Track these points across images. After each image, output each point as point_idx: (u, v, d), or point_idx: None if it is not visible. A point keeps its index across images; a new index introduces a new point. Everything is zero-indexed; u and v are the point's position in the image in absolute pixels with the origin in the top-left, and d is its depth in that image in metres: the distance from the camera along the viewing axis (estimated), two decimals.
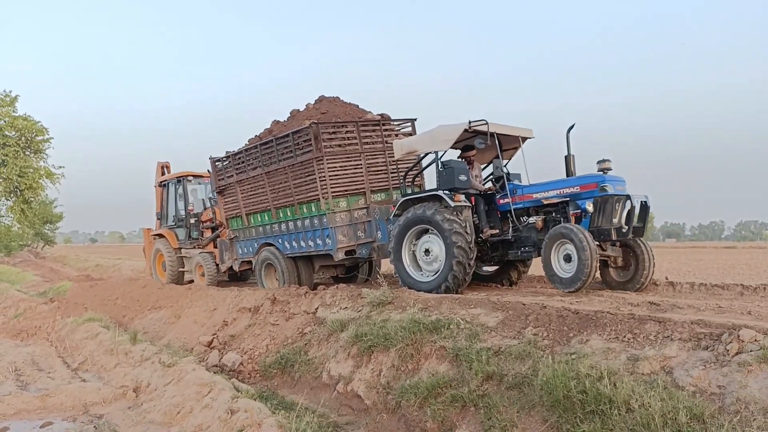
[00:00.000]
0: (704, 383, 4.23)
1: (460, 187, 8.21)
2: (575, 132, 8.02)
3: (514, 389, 5.14)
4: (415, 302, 7.26)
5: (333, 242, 9.54)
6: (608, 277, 7.98)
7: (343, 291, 8.62)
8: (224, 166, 11.66)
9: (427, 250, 8.28)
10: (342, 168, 9.69)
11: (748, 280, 11.85)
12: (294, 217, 10.18)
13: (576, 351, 5.13)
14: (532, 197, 8.02)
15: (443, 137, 8.33)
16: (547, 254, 7.32)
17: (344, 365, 7.00)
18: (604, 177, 7.41)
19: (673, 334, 4.81)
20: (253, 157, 10.79)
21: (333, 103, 10.64)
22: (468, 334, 6.11)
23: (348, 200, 9.77)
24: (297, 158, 9.77)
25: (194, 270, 13.43)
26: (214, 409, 5.52)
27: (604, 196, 7.28)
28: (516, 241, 8.12)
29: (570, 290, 7.14)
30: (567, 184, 7.71)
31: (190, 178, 14.61)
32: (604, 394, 4.36)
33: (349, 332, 7.29)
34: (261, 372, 8.15)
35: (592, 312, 5.68)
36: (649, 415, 4.01)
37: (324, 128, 9.51)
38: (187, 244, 14.07)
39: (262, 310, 9.38)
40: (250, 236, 11.35)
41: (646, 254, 7.61)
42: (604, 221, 7.26)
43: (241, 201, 11.23)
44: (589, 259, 6.84)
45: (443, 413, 5.42)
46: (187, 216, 14.19)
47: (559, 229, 7.24)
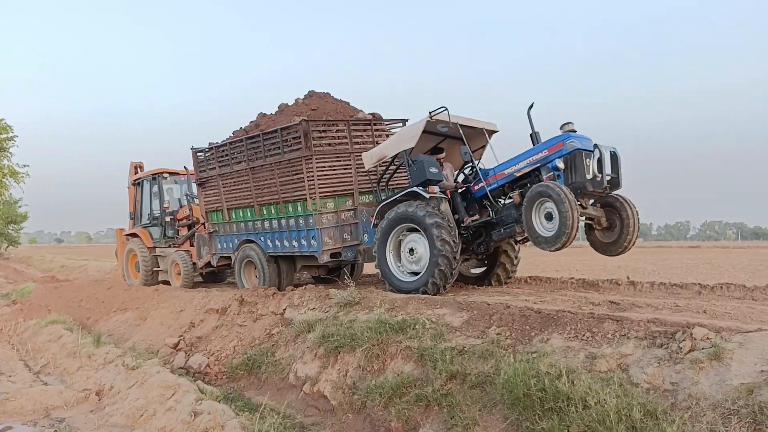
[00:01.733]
0: (658, 380, 4.36)
1: (432, 179, 8.14)
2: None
3: (476, 388, 5.22)
4: (382, 303, 7.30)
5: (318, 244, 9.29)
6: (594, 239, 7.79)
7: (311, 292, 8.62)
8: (206, 158, 11.24)
9: (412, 250, 8.16)
10: (331, 168, 9.41)
11: (709, 279, 12.18)
12: (278, 216, 9.91)
13: (537, 350, 5.23)
14: (504, 174, 7.97)
15: (408, 135, 8.32)
16: (528, 216, 7.15)
17: (311, 366, 7.01)
18: (569, 134, 7.37)
19: (629, 333, 4.93)
20: (238, 150, 10.42)
21: (323, 100, 10.34)
22: (433, 334, 6.17)
23: (336, 201, 9.52)
24: (285, 155, 9.48)
25: (170, 269, 13.04)
26: (178, 411, 5.48)
27: (573, 152, 7.23)
28: (498, 221, 8.03)
29: (555, 247, 6.90)
30: (535, 150, 7.69)
31: (165, 176, 14.23)
32: (562, 391, 4.46)
33: (316, 333, 7.29)
34: (228, 374, 8.10)
35: (553, 311, 5.79)
36: (604, 412, 4.12)
37: (314, 126, 9.23)
38: (162, 243, 13.72)
39: (229, 311, 9.32)
40: (231, 231, 11.04)
41: (630, 215, 7.42)
42: (577, 176, 7.21)
43: (223, 195, 10.90)
44: (569, 210, 6.64)
45: (408, 412, 5.47)
46: (162, 214, 13.82)
47: (535, 188, 7.09)
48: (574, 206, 6.71)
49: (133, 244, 14.19)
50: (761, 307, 6.26)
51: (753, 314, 5.68)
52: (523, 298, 7.47)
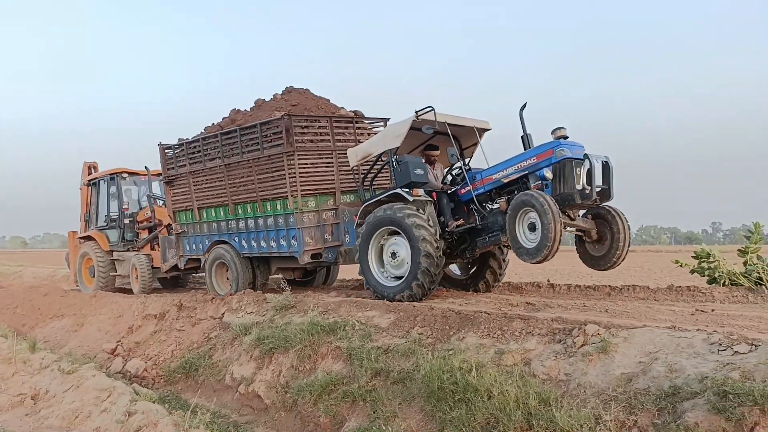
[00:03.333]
0: (554, 372, 4.87)
1: (417, 181, 7.88)
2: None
3: (398, 384, 5.64)
4: (316, 306, 7.65)
5: (299, 244, 8.94)
6: (584, 252, 7.56)
7: (249, 296, 8.88)
8: (176, 155, 10.72)
9: (394, 253, 7.88)
10: (313, 165, 9.10)
11: (639, 281, 12.95)
12: (255, 215, 9.54)
13: (453, 347, 5.68)
14: (492, 179, 7.70)
15: (394, 134, 8.03)
16: (511, 226, 6.91)
17: (246, 367, 7.29)
18: (560, 142, 7.08)
19: (534, 330, 5.45)
20: (212, 146, 9.98)
21: (303, 95, 9.99)
22: (362, 335, 6.56)
23: (317, 200, 9.21)
24: (264, 151, 9.11)
25: (130, 273, 12.52)
26: (113, 412, 5.68)
27: (562, 161, 6.96)
28: (483, 228, 7.78)
29: (536, 260, 6.67)
30: (523, 157, 7.41)
31: (124, 176, 13.61)
32: (471, 384, 4.92)
33: (252, 336, 7.58)
34: (165, 377, 8.27)
35: (471, 312, 6.27)
36: (505, 401, 4.60)
37: (297, 121, 8.92)
38: (121, 247, 13.14)
39: (168, 316, 9.47)
40: (201, 232, 10.58)
41: (622, 229, 7.18)
42: (565, 186, 6.95)
43: (194, 194, 10.44)
44: (551, 222, 6.41)
45: (335, 408, 5.85)
46: (121, 216, 13.22)
47: (519, 197, 6.85)
48: (558, 218, 6.48)
49: (88, 247, 13.51)
50: (659, 306, 6.90)
51: (649, 313, 6.28)
52: (450, 300, 7.95)
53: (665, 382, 4.19)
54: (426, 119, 7.75)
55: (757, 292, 7.17)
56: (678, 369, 4.26)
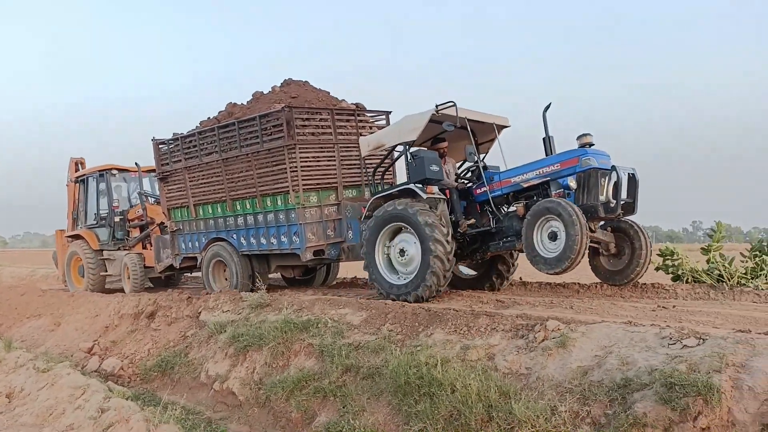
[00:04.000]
0: (516, 366, 5.05)
1: (432, 178, 7.53)
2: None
3: (367, 379, 5.79)
4: (290, 304, 7.77)
5: (302, 240, 8.68)
6: (599, 265, 7.32)
7: (226, 295, 8.97)
8: (170, 150, 10.39)
9: (402, 251, 7.56)
10: (315, 159, 8.83)
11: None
12: (255, 211, 9.24)
13: (421, 343, 5.84)
14: (511, 182, 7.41)
15: (410, 126, 7.67)
16: (529, 233, 6.64)
17: (221, 365, 7.40)
18: (586, 150, 6.83)
19: (498, 326, 5.63)
20: (209, 141, 9.67)
21: (303, 88, 9.70)
22: (334, 332, 6.70)
23: (319, 195, 8.95)
24: (264, 145, 8.83)
25: (122, 273, 12.25)
26: (86, 409, 5.75)
27: (587, 171, 6.71)
28: (497, 232, 7.48)
29: (555, 271, 6.44)
30: (546, 162, 7.12)
31: (114, 172, 13.15)
32: (436, 378, 5.09)
33: (227, 334, 7.68)
34: (141, 375, 8.35)
35: (440, 309, 6.45)
36: (468, 394, 4.77)
37: (298, 113, 8.64)
38: (111, 246, 12.79)
39: (144, 315, 9.53)
40: (198, 229, 10.26)
41: (643, 243, 6.97)
42: (589, 198, 6.72)
43: (190, 190, 10.10)
44: (579, 234, 6.14)
45: (306, 404, 6.00)
46: (111, 214, 12.85)
47: (543, 204, 6.56)
48: (586, 231, 6.23)
49: (77, 246, 13.13)
50: (624, 303, 7.09)
51: (612, 309, 6.48)
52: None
53: (618, 374, 4.39)
54: (446, 114, 7.47)
55: (718, 289, 7.39)
56: (630, 362, 4.45)
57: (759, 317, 5.74)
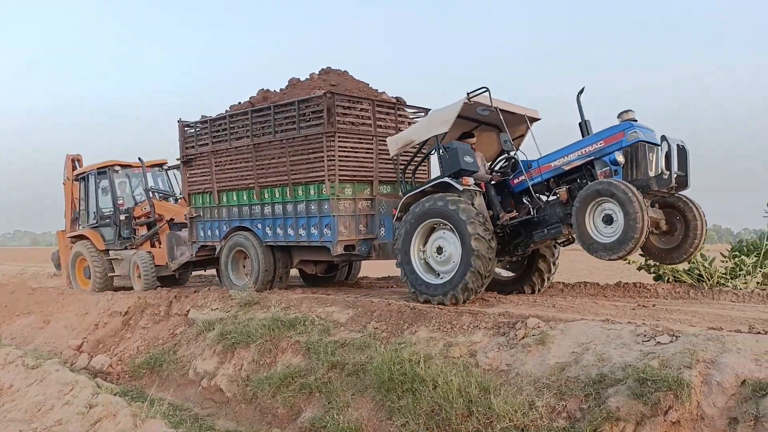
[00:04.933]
0: (497, 362, 5.19)
1: (466, 169, 7.15)
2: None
3: (352, 375, 5.91)
4: (278, 302, 7.87)
5: (333, 233, 8.27)
6: (650, 245, 6.84)
7: (215, 293, 9.05)
8: (197, 133, 10.02)
9: (440, 248, 7.13)
10: (353, 150, 8.49)
11: (591, 278, 13.27)
12: (284, 200, 8.81)
13: (406, 340, 5.97)
14: (551, 166, 7.01)
15: (441, 119, 7.36)
16: (580, 220, 6.20)
17: (209, 362, 7.49)
18: (631, 123, 6.47)
19: (481, 324, 5.76)
20: (240, 125, 9.27)
21: (342, 77, 9.38)
22: (321, 329, 6.81)
23: (354, 188, 8.56)
24: (301, 131, 8.46)
25: (132, 273, 11.66)
26: (75, 405, 5.83)
27: (635, 144, 6.33)
28: (540, 221, 7.03)
29: (618, 255, 6.01)
30: (589, 141, 6.76)
31: (116, 168, 12.60)
32: (419, 374, 5.21)
33: (215, 331, 7.77)
34: (130, 373, 8.43)
35: (425, 308, 6.57)
36: (449, 390, 4.90)
37: (339, 100, 8.33)
38: (117, 245, 12.19)
39: (134, 313, 9.60)
40: (220, 217, 9.77)
41: (698, 218, 6.53)
42: (639, 172, 6.34)
43: (215, 175, 9.68)
44: (639, 212, 5.73)
45: (293, 400, 6.11)
46: (116, 212, 12.26)
47: (593, 186, 6.17)
48: (645, 207, 5.84)
49: (81, 247, 12.53)
50: (605, 302, 7.23)
51: (593, 308, 6.62)
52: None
53: (593, 370, 4.53)
54: (479, 102, 7.18)
55: (697, 289, 7.55)
56: (606, 358, 4.59)
57: (735, 316, 5.89)
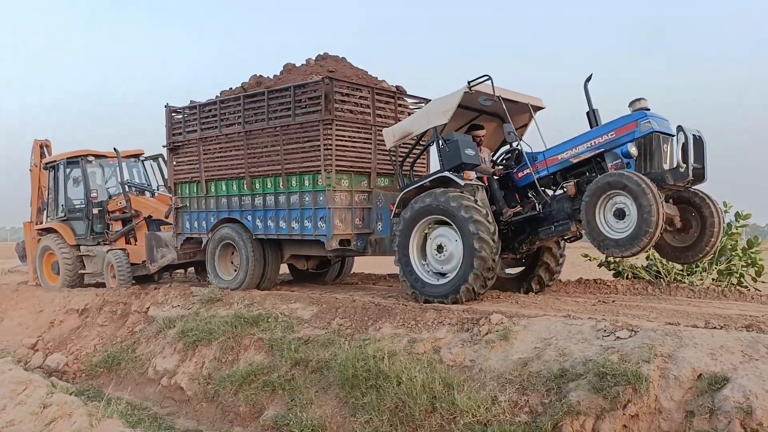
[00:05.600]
0: (461, 358, 5.21)
1: (468, 162, 6.80)
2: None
3: (316, 372, 5.87)
4: (241, 299, 7.76)
5: (328, 227, 7.85)
6: (663, 244, 6.43)
7: (176, 290, 8.87)
8: (185, 119, 9.50)
9: (440, 246, 6.79)
10: (350, 139, 8.07)
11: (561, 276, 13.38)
12: (277, 191, 8.39)
13: (370, 337, 5.95)
14: (558, 159, 6.66)
15: (440, 109, 7.00)
16: (590, 215, 5.86)
17: (170, 360, 7.34)
18: (645, 113, 6.10)
19: (445, 320, 5.78)
20: (231, 110, 8.81)
21: (340, 63, 8.94)
22: (284, 326, 6.75)
23: (351, 179, 8.16)
24: (296, 118, 8.03)
25: (105, 272, 10.96)
26: (28, 405, 5.65)
27: (649, 135, 5.98)
28: (546, 216, 6.68)
29: (631, 252, 5.69)
30: (599, 132, 6.40)
31: (90, 159, 11.77)
32: (383, 371, 5.21)
33: (176, 329, 7.62)
34: (87, 372, 8.21)
35: (389, 304, 6.57)
36: (413, 386, 4.91)
37: (338, 87, 7.92)
38: (90, 240, 11.49)
39: (91, 310, 9.35)
40: (207, 208, 9.27)
41: (715, 215, 6.14)
42: (653, 165, 5.99)
43: (203, 164, 9.20)
44: (653, 204, 5.39)
45: (255, 398, 6.04)
46: (89, 205, 11.54)
47: (604, 178, 5.83)
48: (659, 200, 5.47)
49: (50, 241, 11.77)
50: (567, 298, 7.35)
51: (555, 304, 6.70)
52: (373, 292, 8.19)
53: (555, 365, 4.59)
54: (480, 91, 6.83)
55: (655, 285, 7.75)
56: (567, 353, 4.66)
57: (691, 311, 6.05)
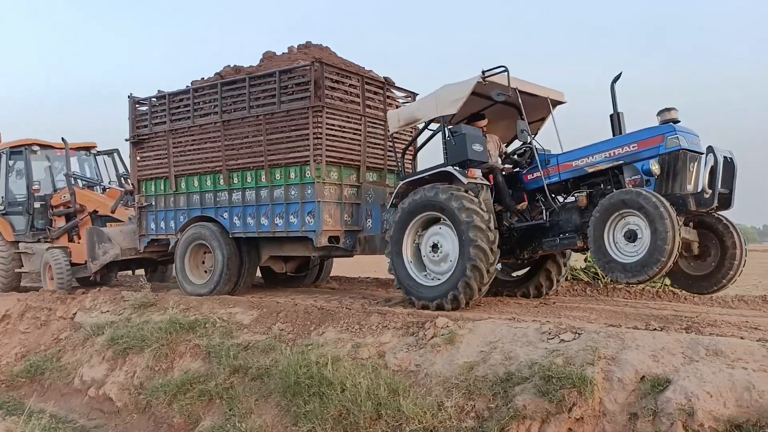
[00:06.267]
0: (406, 363, 5.12)
1: (475, 159, 6.35)
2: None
3: (256, 380, 5.65)
4: (177, 303, 7.45)
5: (317, 222, 7.30)
6: (677, 270, 5.81)
7: (105, 294, 8.48)
8: (152, 110, 8.84)
9: (435, 245, 6.37)
10: (341, 129, 7.59)
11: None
12: (259, 185, 7.80)
13: (313, 342, 5.78)
14: (572, 166, 6.13)
15: (451, 97, 6.51)
16: (598, 233, 5.40)
17: (98, 369, 6.96)
18: (673, 127, 5.56)
19: (390, 324, 5.68)
20: (207, 99, 8.23)
21: (325, 52, 8.38)
22: (223, 332, 6.49)
23: (340, 172, 7.67)
24: (282, 106, 7.49)
25: (43, 272, 10.19)
26: None
27: (674, 152, 5.45)
28: (552, 226, 6.22)
29: (639, 279, 5.23)
30: (620, 142, 5.88)
31: (35, 148, 10.91)
32: (326, 377, 5.04)
33: (105, 336, 7.24)
34: (7, 382, 7.71)
35: (333, 307, 6.42)
36: (357, 393, 4.75)
37: (328, 72, 7.43)
38: (29, 237, 10.73)
39: (12, 316, 8.79)
40: (176, 206, 8.58)
41: (738, 246, 5.60)
42: (675, 186, 5.46)
43: (173, 158, 8.51)
44: (670, 231, 4.92)
45: (191, 408, 5.75)
46: (30, 198, 10.75)
47: (618, 195, 5.36)
48: (678, 227, 5.01)
49: None
50: (509, 300, 7.32)
51: (499, 306, 6.68)
52: (315, 295, 8.00)
53: (501, 368, 4.55)
54: (494, 82, 6.32)
55: (593, 286, 7.92)
56: (513, 357, 4.63)
57: (629, 312, 6.18)
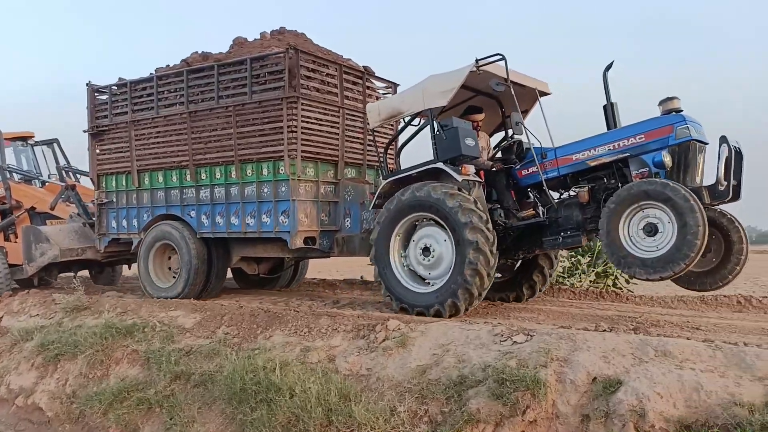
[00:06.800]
0: (357, 367, 4.99)
1: (467, 155, 5.97)
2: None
3: (199, 387, 5.40)
4: (113, 307, 7.08)
5: (292, 222, 6.87)
6: None
7: (34, 297, 7.99)
8: (113, 99, 8.27)
9: (427, 249, 5.97)
10: (317, 121, 7.13)
11: None
12: (228, 181, 7.36)
13: (260, 346, 5.57)
14: (572, 159, 5.83)
15: (439, 88, 6.07)
16: (612, 226, 5.13)
17: (26, 377, 6.53)
18: (683, 116, 5.35)
19: (340, 327, 5.53)
20: (172, 88, 7.72)
21: (300, 39, 7.82)
22: (163, 336, 6.19)
23: (317, 168, 7.22)
24: (254, 96, 7.01)
25: None
26: None
27: (685, 143, 5.26)
28: (552, 224, 5.91)
29: (662, 275, 4.97)
30: (624, 134, 5.60)
31: None
32: (274, 383, 4.84)
33: (34, 341, 6.80)
34: None
35: (280, 310, 6.23)
36: (307, 398, 4.59)
37: (304, 60, 6.92)
38: None
39: None
40: (140, 203, 8.12)
41: (742, 240, 5.52)
42: (687, 178, 5.30)
43: (135, 151, 8.01)
44: (701, 225, 4.73)
45: (128, 417, 5.44)
46: None
47: (641, 186, 5.08)
48: (705, 220, 4.81)
49: None
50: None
51: None
52: (260, 298, 7.79)
53: (454, 372, 4.49)
54: (488, 72, 5.94)
55: None
56: (466, 359, 4.58)
57: (575, 312, 6.27)
